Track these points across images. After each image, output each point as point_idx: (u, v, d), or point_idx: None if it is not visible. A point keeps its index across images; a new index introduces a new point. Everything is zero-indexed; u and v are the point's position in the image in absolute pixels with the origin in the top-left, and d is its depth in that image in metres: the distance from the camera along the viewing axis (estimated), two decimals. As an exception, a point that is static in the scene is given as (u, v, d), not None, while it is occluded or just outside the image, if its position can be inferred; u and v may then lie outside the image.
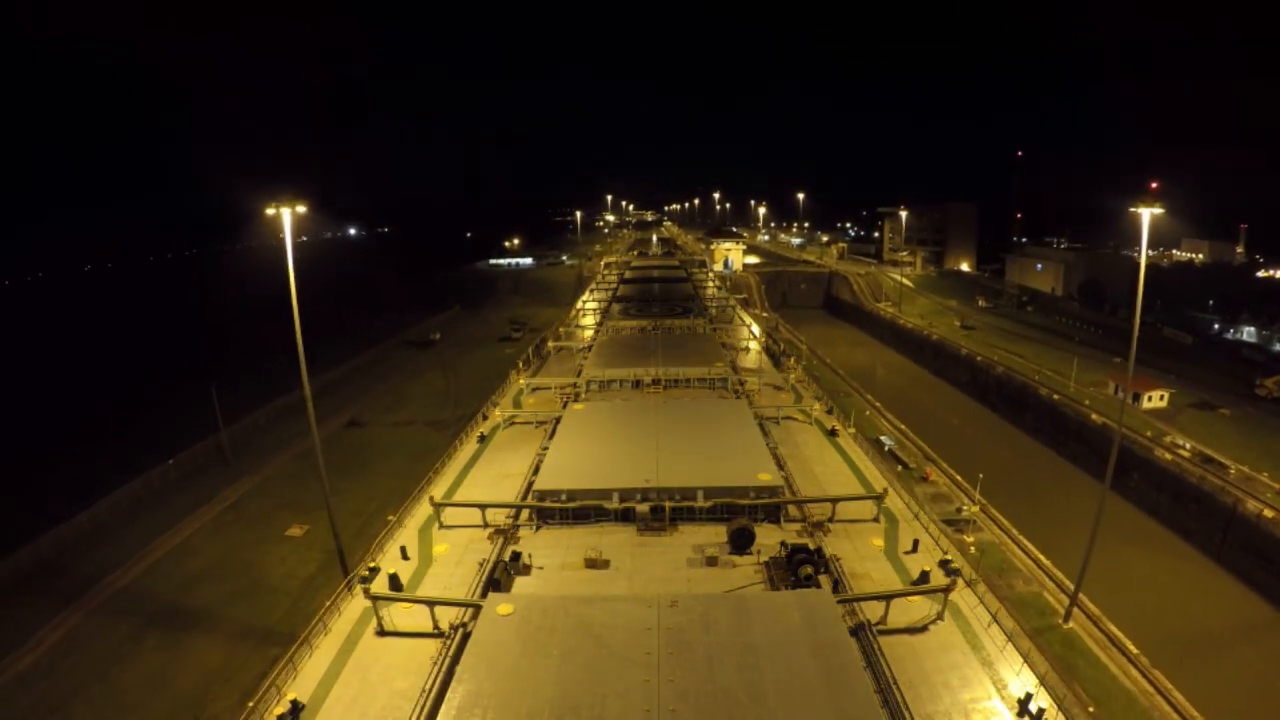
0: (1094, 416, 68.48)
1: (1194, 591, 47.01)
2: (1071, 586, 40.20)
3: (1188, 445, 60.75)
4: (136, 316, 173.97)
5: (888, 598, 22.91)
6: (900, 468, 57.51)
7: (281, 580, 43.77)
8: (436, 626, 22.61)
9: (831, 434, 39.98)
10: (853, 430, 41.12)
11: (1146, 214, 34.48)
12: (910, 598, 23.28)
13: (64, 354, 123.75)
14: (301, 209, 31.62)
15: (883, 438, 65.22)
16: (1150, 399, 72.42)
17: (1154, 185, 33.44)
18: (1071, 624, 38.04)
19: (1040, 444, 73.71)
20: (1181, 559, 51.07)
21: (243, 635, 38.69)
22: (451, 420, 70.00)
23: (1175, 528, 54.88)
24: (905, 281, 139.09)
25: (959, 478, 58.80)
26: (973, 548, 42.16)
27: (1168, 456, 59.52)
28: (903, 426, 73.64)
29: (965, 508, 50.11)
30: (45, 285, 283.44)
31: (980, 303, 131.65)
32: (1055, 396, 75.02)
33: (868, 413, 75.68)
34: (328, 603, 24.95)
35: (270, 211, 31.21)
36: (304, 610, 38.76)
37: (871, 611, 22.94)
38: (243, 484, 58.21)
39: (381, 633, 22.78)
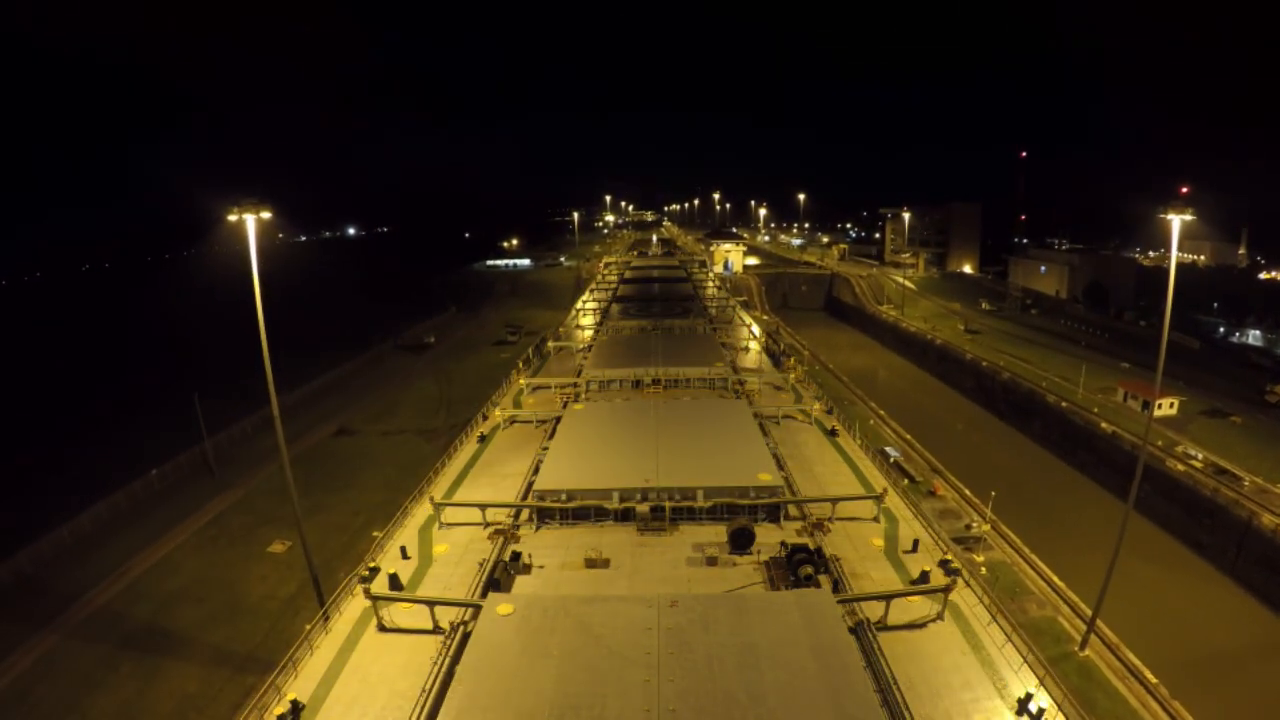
0: (1104, 425, 66.84)
1: (1208, 608, 45.54)
2: (1086, 609, 38.57)
3: (1200, 455, 59.26)
4: (129, 318, 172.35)
5: (888, 597, 22.71)
6: (906, 481, 55.74)
7: (261, 601, 42.14)
8: (436, 626, 22.47)
9: (831, 434, 39.75)
10: (859, 441, 40.20)
11: (1177, 220, 32.48)
12: (910, 597, 23.11)
13: (61, 356, 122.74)
14: (266, 214, 29.62)
15: (888, 449, 63.44)
16: (1160, 406, 70.72)
17: (1184, 190, 31.45)
18: (1089, 652, 36.34)
19: (1048, 452, 72.11)
20: (1194, 574, 49.58)
21: (219, 661, 37.08)
22: (444, 429, 68.33)
23: (1188, 541, 53.40)
24: (907, 284, 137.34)
25: (968, 492, 57.10)
26: (984, 568, 40.47)
27: (1180, 467, 58.04)
28: (908, 437, 71.87)
29: (975, 524, 48.43)
30: (44, 285, 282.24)
31: (984, 305, 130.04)
32: (1063, 404, 73.37)
33: (871, 422, 74.01)
34: (328, 602, 24.62)
35: (232, 218, 29.08)
36: (283, 635, 37.19)
37: (871, 611, 22.74)
38: (226, 497, 56.54)
39: (382, 632, 22.64)
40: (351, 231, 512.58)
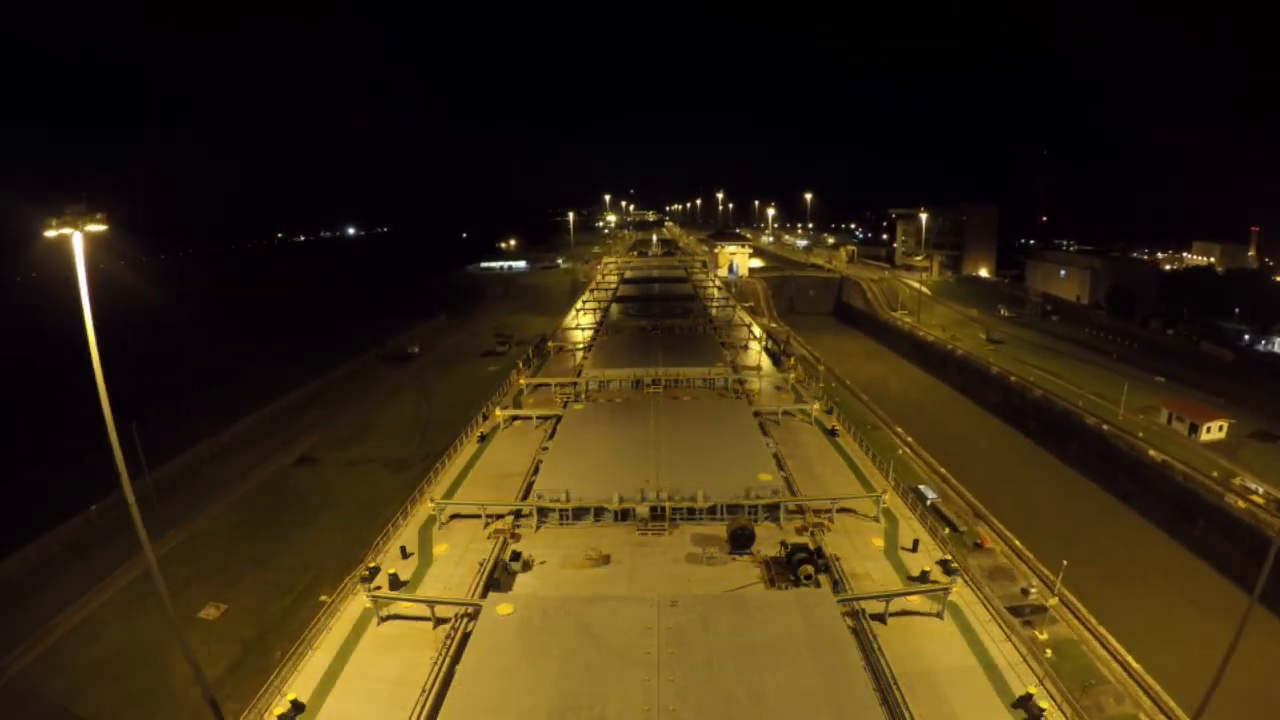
0: (1152, 452, 60.38)
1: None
2: (1168, 699, 32.06)
3: (1260, 490, 53.09)
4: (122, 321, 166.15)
5: (888, 597, 22.62)
6: (948, 530, 48.84)
7: (183, 684, 35.59)
8: (437, 626, 22.44)
9: (831, 434, 39.31)
10: (860, 442, 37.67)
11: None
12: (910, 597, 22.93)
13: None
14: (99, 227, 22.88)
15: (923, 487, 56.29)
16: (1209, 430, 64.59)
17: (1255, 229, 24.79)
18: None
19: (1084, 477, 65.61)
20: (1266, 630, 42.79)
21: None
22: (416, 458, 61.48)
23: (1251, 588, 46.77)
24: (922, 288, 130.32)
25: (1018, 543, 50.09)
26: (1049, 650, 33.90)
27: (1241, 504, 51.89)
28: (943, 470, 64.38)
29: (1035, 590, 41.68)
30: (42, 285, 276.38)
31: (1002, 311, 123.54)
32: (1105, 426, 66.91)
33: (900, 452, 66.67)
34: (329, 602, 24.34)
35: (50, 234, 22.21)
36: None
37: (871, 610, 22.59)
38: (163, 542, 48.89)
39: (382, 629, 22.58)
40: (351, 231, 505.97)
